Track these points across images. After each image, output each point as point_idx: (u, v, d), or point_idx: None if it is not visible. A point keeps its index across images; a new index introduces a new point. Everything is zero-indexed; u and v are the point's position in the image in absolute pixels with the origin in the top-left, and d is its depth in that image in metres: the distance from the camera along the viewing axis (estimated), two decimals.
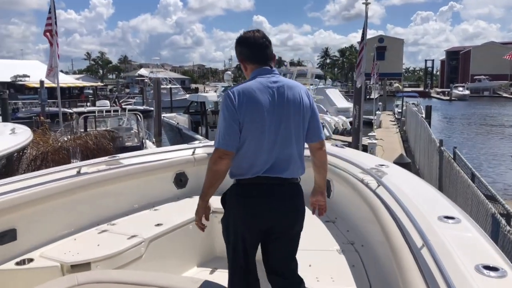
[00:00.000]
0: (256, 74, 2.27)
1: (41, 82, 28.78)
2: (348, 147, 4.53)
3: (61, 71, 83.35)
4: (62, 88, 50.99)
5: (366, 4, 11.51)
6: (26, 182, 2.93)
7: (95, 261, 2.73)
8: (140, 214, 3.60)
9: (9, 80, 45.63)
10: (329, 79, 49.79)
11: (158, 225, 3.28)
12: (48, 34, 10.41)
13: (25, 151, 5.41)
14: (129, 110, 15.52)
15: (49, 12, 10.29)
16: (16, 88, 46.49)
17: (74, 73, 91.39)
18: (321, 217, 3.42)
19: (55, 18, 10.42)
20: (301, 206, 2.30)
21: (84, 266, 2.70)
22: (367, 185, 2.88)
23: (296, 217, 2.29)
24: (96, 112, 14.15)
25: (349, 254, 2.79)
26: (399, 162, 8.02)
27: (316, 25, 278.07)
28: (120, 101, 23.76)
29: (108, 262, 2.77)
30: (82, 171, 3.31)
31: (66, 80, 56.34)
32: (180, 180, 4.03)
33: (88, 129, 12.75)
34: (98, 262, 2.73)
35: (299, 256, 2.34)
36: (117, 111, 15.20)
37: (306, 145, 2.36)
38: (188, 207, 2.74)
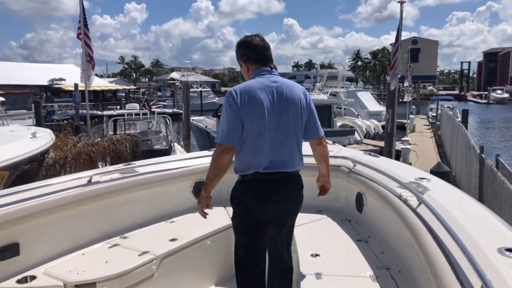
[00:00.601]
0: (257, 74, 2.42)
1: (75, 85, 29.52)
2: (381, 155, 4.16)
3: (96, 74, 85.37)
4: (95, 91, 52.77)
5: (401, 2, 11.00)
6: (32, 192, 2.72)
7: (101, 281, 2.49)
8: (154, 227, 3.35)
9: (46, 83, 47.05)
10: (361, 82, 48.93)
11: (172, 240, 3.03)
12: (81, 36, 10.44)
13: (46, 155, 5.31)
14: (158, 113, 15.48)
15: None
16: (52, 91, 47.89)
17: (108, 76, 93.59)
18: (352, 235, 3.08)
19: (84, 20, 10.45)
20: (302, 195, 2.55)
21: (89, 286, 2.46)
22: (405, 202, 2.52)
23: (298, 206, 2.55)
24: (126, 115, 14.15)
25: (385, 281, 2.43)
26: (437, 171, 7.48)
27: (347, 27, 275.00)
28: (150, 104, 23.87)
29: (116, 282, 2.53)
30: (93, 180, 3.09)
31: (100, 83, 57.71)
32: (200, 189, 3.75)
33: (117, 132, 12.80)
34: (105, 282, 2.49)
35: (328, 282, 2.37)
36: (146, 114, 15.19)
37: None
38: (207, 219, 2.49)
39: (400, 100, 31.69)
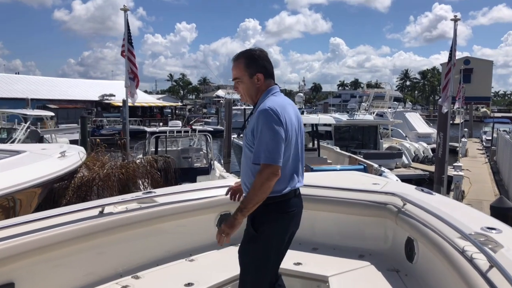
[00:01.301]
0: (275, 91, 2.36)
1: (124, 101, 30.26)
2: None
3: (145, 91, 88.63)
4: (143, 107, 54.24)
5: (455, 20, 10.31)
6: (33, 225, 2.42)
7: None
8: (171, 265, 2.98)
9: (97, 99, 48.93)
10: (409, 102, 47.21)
11: (189, 285, 2.64)
12: (124, 54, 10.53)
13: (75, 175, 5.14)
14: (199, 131, 15.40)
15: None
16: (103, 106, 49.71)
17: (157, 93, 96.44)
18: None
19: (129, 38, 10.51)
20: None
21: None
22: (471, 260, 2.00)
23: None
24: (167, 132, 14.19)
25: None
26: (499, 206, 6.59)
27: (395, 46, 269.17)
28: (191, 122, 24.00)
29: None
30: (106, 211, 2.77)
31: (148, 99, 59.55)
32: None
33: (159, 149, 12.79)
34: None
35: None
36: (187, 131, 15.17)
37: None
38: (232, 258, 2.12)
39: (451, 122, 30.18)
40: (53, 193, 4.78)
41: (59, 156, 4.93)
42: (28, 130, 14.11)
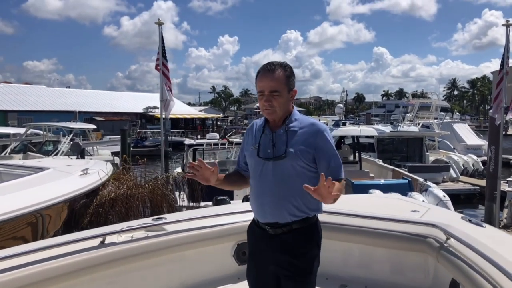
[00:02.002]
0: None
1: (161, 114, 30.84)
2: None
3: (189, 103, 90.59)
4: (186, 119, 55.29)
5: (507, 26, 9.56)
6: (23, 258, 2.20)
7: None
8: None
9: (141, 111, 50.27)
10: (457, 113, 45.25)
11: None
12: (158, 68, 10.58)
13: (98, 193, 4.99)
14: (235, 143, 15.28)
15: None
16: (147, 118, 51.01)
17: (200, 105, 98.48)
18: None
19: (163, 52, 10.54)
20: None
21: None
22: None
23: None
24: (205, 144, 14.23)
25: None
26: None
27: (442, 55, 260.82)
28: (228, 135, 23.96)
29: None
30: (107, 241, 2.52)
31: (191, 111, 60.66)
32: (243, 253, 3.02)
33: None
34: None
35: None
36: (224, 144, 15.12)
37: None
38: None
39: (504, 132, 28.47)
40: (74, 212, 4.64)
41: (81, 174, 4.82)
42: (71, 142, 14.49)
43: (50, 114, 39.35)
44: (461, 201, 14.51)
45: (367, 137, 17.61)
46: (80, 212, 4.73)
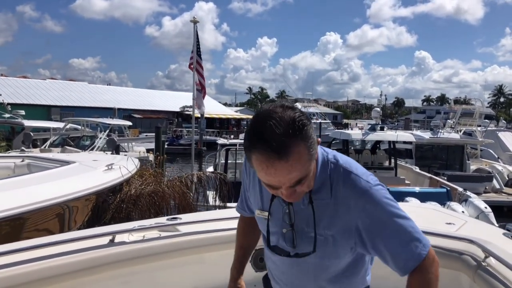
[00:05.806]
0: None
1: (195, 112, 31.20)
2: None
3: (225, 103, 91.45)
4: (221, 119, 55.77)
5: None
6: (24, 255, 2.10)
7: None
8: None
9: (178, 110, 51.08)
10: (503, 121, 43.15)
11: None
12: (192, 67, 10.60)
13: (122, 189, 4.95)
14: None
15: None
16: (183, 117, 51.70)
17: (236, 105, 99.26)
18: None
19: (198, 50, 10.54)
20: None
21: None
22: None
23: None
24: (237, 145, 14.30)
25: None
26: None
27: (487, 60, 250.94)
28: None
29: None
30: (117, 240, 2.39)
31: (226, 112, 61.10)
32: (261, 259, 2.83)
33: (229, 161, 12.81)
34: None
35: None
36: None
37: None
38: None
39: None
40: (97, 207, 4.61)
41: (105, 169, 4.78)
42: (107, 138, 14.79)
43: (91, 110, 40.55)
44: (504, 214, 13.74)
45: (404, 142, 17.07)
46: (103, 208, 4.70)
